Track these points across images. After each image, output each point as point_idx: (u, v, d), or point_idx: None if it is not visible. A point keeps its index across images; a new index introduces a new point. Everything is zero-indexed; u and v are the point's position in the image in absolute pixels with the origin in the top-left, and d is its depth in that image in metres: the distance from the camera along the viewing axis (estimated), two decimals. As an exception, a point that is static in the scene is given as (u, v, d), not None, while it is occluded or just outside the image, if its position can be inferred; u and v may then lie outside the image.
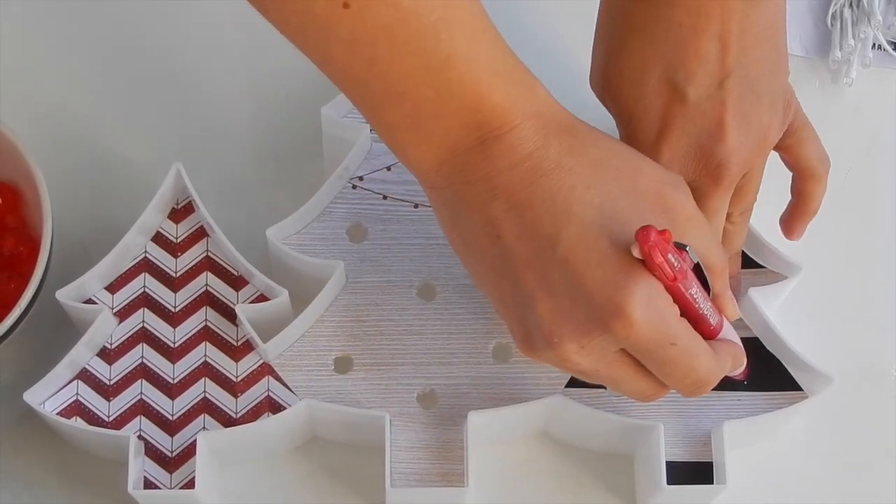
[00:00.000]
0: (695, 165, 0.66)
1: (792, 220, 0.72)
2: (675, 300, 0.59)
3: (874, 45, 0.83)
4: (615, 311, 0.58)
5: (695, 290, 0.60)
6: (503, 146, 0.58)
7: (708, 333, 0.62)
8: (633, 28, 0.66)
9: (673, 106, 0.65)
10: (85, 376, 0.71)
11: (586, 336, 0.59)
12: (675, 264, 0.58)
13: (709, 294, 0.62)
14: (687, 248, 0.60)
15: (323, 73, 0.58)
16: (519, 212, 0.59)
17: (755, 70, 0.65)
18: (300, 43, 0.57)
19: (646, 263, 0.58)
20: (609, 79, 0.67)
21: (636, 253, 0.57)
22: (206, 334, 0.72)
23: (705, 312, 0.61)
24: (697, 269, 0.61)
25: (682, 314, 0.60)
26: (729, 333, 0.64)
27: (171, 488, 0.69)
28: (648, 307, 0.58)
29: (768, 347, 0.72)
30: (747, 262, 0.74)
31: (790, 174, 0.79)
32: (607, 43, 0.67)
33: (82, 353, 0.70)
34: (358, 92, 0.58)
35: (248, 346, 0.72)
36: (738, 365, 0.65)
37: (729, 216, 0.69)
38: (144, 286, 0.73)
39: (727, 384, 0.71)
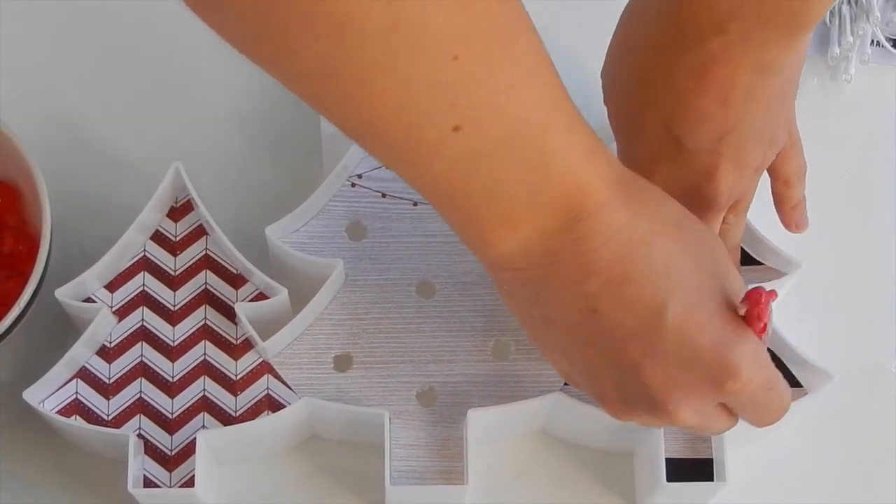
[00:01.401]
0: (685, 195, 0.64)
1: (781, 216, 0.72)
2: None
3: (873, 41, 0.83)
4: (729, 373, 0.58)
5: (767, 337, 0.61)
6: (596, 224, 0.56)
7: None
8: (636, 73, 0.66)
9: (668, 148, 0.65)
10: (84, 375, 0.71)
11: (702, 400, 0.59)
12: (766, 321, 0.59)
13: None
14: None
15: (412, 185, 0.57)
16: (617, 286, 0.58)
17: (759, 121, 0.65)
18: (400, 166, 0.55)
19: (748, 320, 0.59)
20: (612, 96, 0.67)
21: (742, 311, 0.58)
22: (206, 333, 0.72)
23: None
24: None
25: None
26: None
27: (170, 487, 0.69)
28: (756, 362, 0.59)
29: (768, 344, 0.72)
30: (747, 260, 0.74)
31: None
32: (616, 64, 0.67)
33: (82, 352, 0.70)
34: (448, 201, 0.56)
35: (247, 345, 0.72)
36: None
37: (723, 219, 0.69)
38: (144, 285, 0.73)
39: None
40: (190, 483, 0.68)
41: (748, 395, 0.59)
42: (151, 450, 0.70)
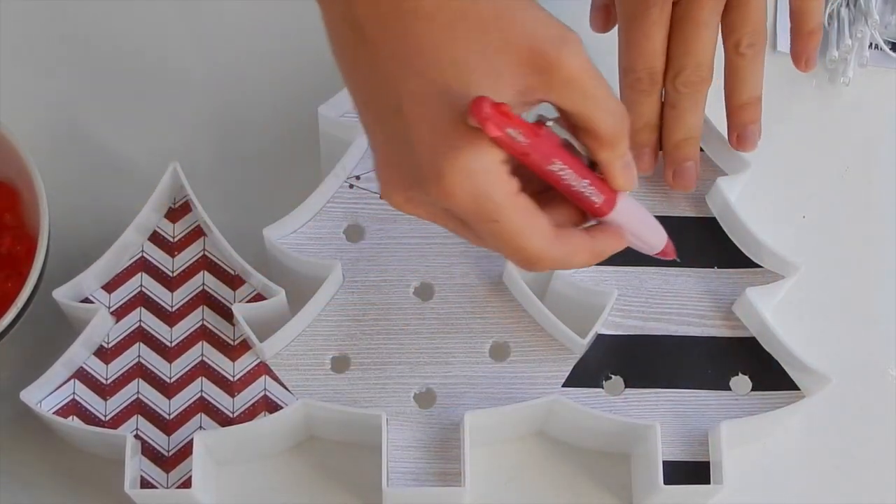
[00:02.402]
0: None
1: (793, 45, 0.71)
2: (534, 174, 0.57)
3: (871, 44, 0.83)
4: (434, 176, 0.55)
5: (558, 166, 0.56)
6: None
7: (594, 211, 0.59)
8: None
9: None
10: (82, 375, 0.71)
11: (409, 191, 0.57)
12: (520, 139, 0.54)
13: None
14: (549, 123, 0.57)
15: None
16: (373, 49, 0.56)
17: None
18: None
19: (485, 131, 0.54)
20: None
21: (473, 123, 0.54)
22: (203, 333, 0.72)
23: (580, 189, 0.58)
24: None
25: (551, 190, 0.58)
26: (628, 214, 0.61)
27: (167, 487, 0.69)
28: (469, 179, 0.55)
29: (766, 347, 0.72)
30: (744, 262, 0.74)
31: (783, 177, 0.80)
32: None
33: (79, 353, 0.70)
34: None
35: (244, 346, 0.72)
36: (597, 258, 0.61)
37: (737, 45, 0.68)
38: (141, 285, 0.73)
39: (721, 384, 0.72)
40: (187, 484, 0.68)
41: (462, 214, 0.56)
42: (148, 450, 0.70)
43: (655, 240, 0.64)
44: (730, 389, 0.72)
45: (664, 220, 0.73)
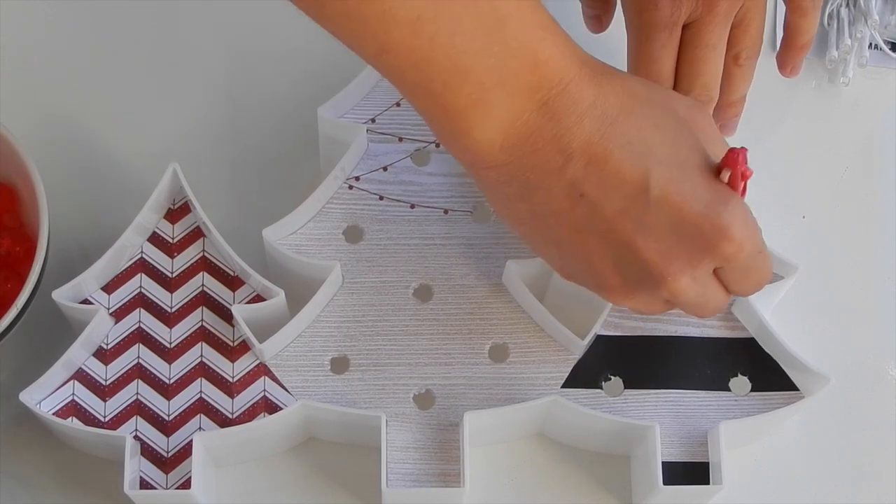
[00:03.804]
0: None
1: (781, 54, 0.75)
2: None
3: (871, 44, 0.83)
4: (722, 235, 0.60)
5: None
6: (566, 102, 0.59)
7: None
8: None
9: None
10: (81, 377, 0.71)
11: (698, 266, 0.61)
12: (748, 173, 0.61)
13: None
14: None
15: (380, 68, 0.59)
16: (599, 165, 0.60)
17: None
18: (355, 39, 0.57)
19: (731, 183, 0.60)
20: None
21: (725, 177, 0.60)
22: (203, 335, 0.72)
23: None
24: None
25: None
26: None
27: (167, 489, 0.69)
28: (746, 223, 0.61)
29: (765, 348, 0.72)
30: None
31: (783, 177, 0.80)
32: None
33: (78, 354, 0.70)
34: (421, 78, 0.58)
35: (244, 347, 0.72)
36: None
37: (737, 58, 0.71)
38: (141, 286, 0.73)
39: (720, 385, 0.72)
40: (186, 485, 0.68)
41: (744, 259, 0.61)
42: (148, 451, 0.70)
43: None
44: (729, 390, 0.72)
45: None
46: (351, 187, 0.74)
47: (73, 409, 0.70)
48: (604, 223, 0.61)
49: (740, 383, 0.72)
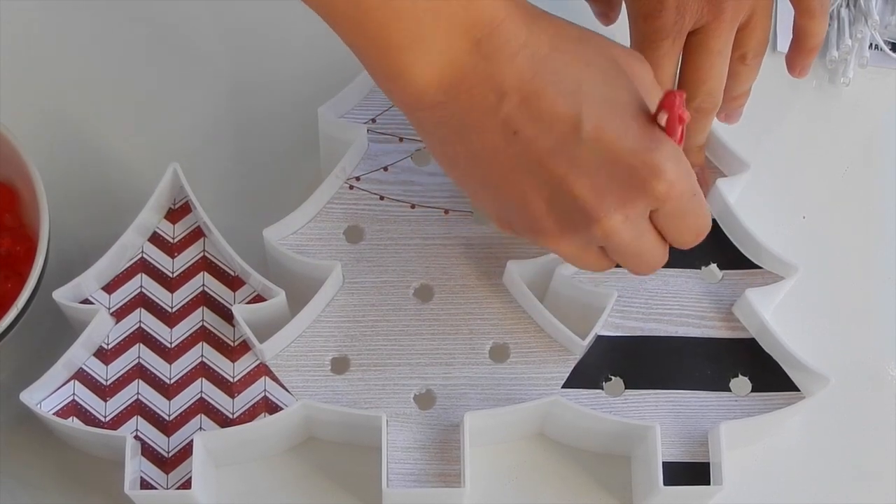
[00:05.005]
0: (698, 3, 0.69)
1: (791, 56, 0.75)
2: None
3: (871, 44, 0.83)
4: (654, 173, 0.60)
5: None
6: (499, 40, 0.60)
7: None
8: None
9: None
10: (82, 376, 0.71)
11: (630, 203, 0.61)
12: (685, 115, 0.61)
13: None
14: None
15: (314, 6, 0.60)
16: (532, 103, 0.60)
17: None
18: None
19: (668, 127, 0.60)
20: None
21: (662, 120, 0.60)
22: (203, 335, 0.72)
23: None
24: None
25: None
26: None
27: (167, 489, 0.69)
28: (679, 164, 0.61)
29: (765, 348, 0.72)
30: (744, 263, 0.74)
31: (783, 177, 0.80)
32: None
33: (79, 354, 0.70)
34: (357, 16, 0.59)
35: (244, 347, 0.72)
36: None
37: (743, 57, 0.71)
38: (141, 286, 0.73)
39: (721, 385, 0.72)
40: (187, 485, 0.68)
41: (677, 199, 0.61)
42: (148, 451, 0.70)
43: None
44: (729, 390, 0.72)
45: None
46: (351, 187, 0.74)
47: (73, 409, 0.70)
48: (537, 161, 0.61)
49: (741, 384, 0.72)
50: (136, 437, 0.70)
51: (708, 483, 0.70)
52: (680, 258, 0.73)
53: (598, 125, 0.60)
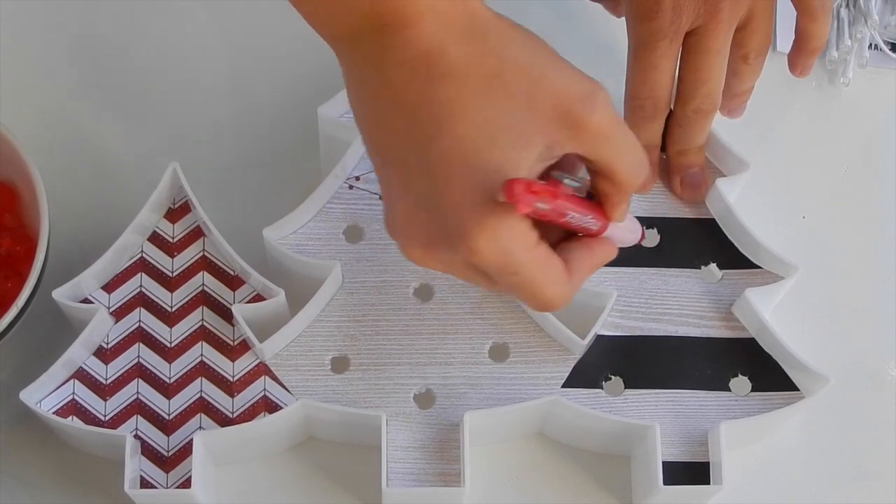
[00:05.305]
0: (695, 4, 0.68)
1: (793, 57, 0.75)
2: (548, 223, 0.59)
3: (871, 45, 0.83)
4: (460, 236, 0.56)
5: (570, 215, 0.58)
6: (398, 41, 0.56)
7: (590, 234, 0.62)
8: None
9: None
10: (81, 376, 0.71)
11: (430, 247, 0.58)
12: (544, 207, 0.56)
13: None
14: (564, 180, 0.58)
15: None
16: (404, 111, 0.57)
17: None
18: None
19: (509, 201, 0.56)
20: None
21: (501, 198, 0.55)
22: (203, 334, 0.72)
23: (584, 225, 0.60)
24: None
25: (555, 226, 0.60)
26: (618, 227, 0.63)
27: (167, 488, 0.69)
28: (493, 239, 0.56)
29: (765, 348, 0.72)
30: (744, 263, 0.74)
31: (783, 177, 0.80)
32: None
33: (79, 353, 0.70)
34: None
35: (244, 346, 0.72)
36: (599, 265, 0.63)
37: (745, 57, 0.71)
38: (141, 286, 0.73)
39: (721, 385, 0.72)
40: (186, 484, 0.68)
41: (485, 269, 0.57)
42: (148, 451, 0.70)
43: (635, 237, 0.66)
44: (729, 390, 0.72)
45: (664, 222, 0.73)
46: (351, 187, 0.74)
47: (73, 408, 0.70)
48: (389, 154, 0.59)
49: (741, 383, 0.72)
50: (136, 437, 0.70)
51: (708, 483, 0.69)
52: (680, 258, 0.73)
53: (440, 161, 0.56)
